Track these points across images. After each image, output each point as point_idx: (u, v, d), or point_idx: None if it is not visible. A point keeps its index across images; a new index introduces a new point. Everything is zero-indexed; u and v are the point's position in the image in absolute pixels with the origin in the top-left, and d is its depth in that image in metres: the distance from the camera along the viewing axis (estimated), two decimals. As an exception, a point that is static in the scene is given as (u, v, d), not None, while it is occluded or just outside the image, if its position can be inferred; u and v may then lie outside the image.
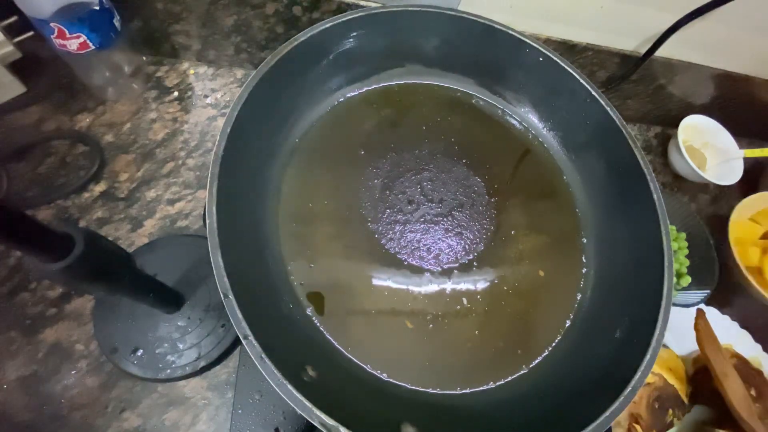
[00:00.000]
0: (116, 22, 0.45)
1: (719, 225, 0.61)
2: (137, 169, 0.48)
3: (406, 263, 0.40)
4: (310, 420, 0.27)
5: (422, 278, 0.40)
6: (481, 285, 0.41)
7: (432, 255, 0.41)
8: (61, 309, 0.41)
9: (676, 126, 0.64)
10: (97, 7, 0.42)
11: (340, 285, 0.39)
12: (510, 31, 0.44)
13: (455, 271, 0.41)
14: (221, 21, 0.50)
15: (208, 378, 0.41)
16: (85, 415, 0.38)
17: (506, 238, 0.44)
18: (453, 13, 0.44)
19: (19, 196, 0.44)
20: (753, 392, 0.45)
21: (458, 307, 0.40)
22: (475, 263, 0.42)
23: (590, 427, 0.31)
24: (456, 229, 0.43)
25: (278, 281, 0.37)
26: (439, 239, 0.42)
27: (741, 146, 0.66)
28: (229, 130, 0.34)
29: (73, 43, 0.42)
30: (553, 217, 0.46)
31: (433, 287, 0.40)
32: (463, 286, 0.41)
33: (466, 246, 0.42)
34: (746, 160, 0.65)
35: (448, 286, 0.40)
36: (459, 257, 0.42)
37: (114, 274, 0.29)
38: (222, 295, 0.29)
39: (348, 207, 0.42)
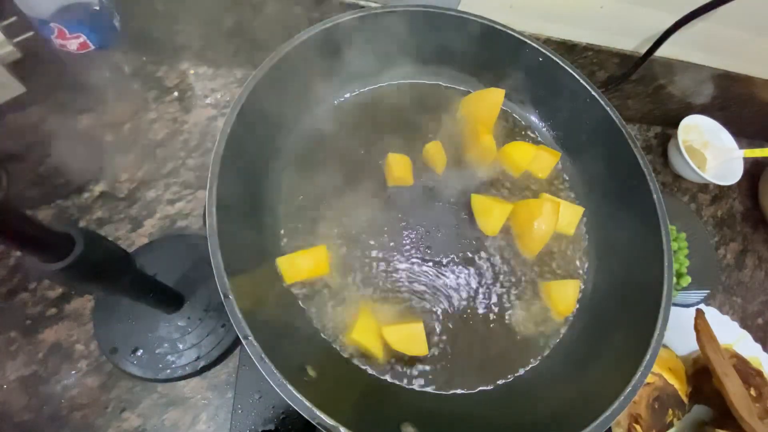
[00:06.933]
0: (116, 22, 0.45)
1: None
2: (137, 169, 0.48)
3: (408, 261, 0.40)
4: (310, 420, 0.27)
5: (423, 277, 0.40)
6: (482, 284, 0.41)
7: (433, 252, 0.41)
8: (61, 309, 0.41)
9: (676, 126, 0.64)
10: (97, 7, 0.42)
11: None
12: (510, 31, 0.44)
13: (456, 269, 0.41)
14: (221, 21, 0.50)
15: (208, 378, 0.41)
16: (85, 415, 0.38)
17: (506, 238, 0.44)
18: (453, 13, 0.44)
19: (19, 196, 0.44)
20: (753, 392, 0.45)
21: (459, 305, 0.40)
22: (475, 261, 0.42)
23: (590, 427, 0.31)
24: (458, 227, 0.43)
25: (279, 281, 0.37)
26: (440, 237, 0.42)
27: (741, 146, 0.65)
28: (229, 130, 0.34)
29: (73, 43, 0.42)
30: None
31: (433, 285, 0.40)
32: (462, 284, 0.41)
33: (467, 244, 0.42)
34: (746, 160, 0.65)
35: (449, 285, 0.40)
36: (459, 256, 0.42)
37: (114, 274, 0.29)
38: (222, 295, 0.29)
39: (348, 206, 0.42)
